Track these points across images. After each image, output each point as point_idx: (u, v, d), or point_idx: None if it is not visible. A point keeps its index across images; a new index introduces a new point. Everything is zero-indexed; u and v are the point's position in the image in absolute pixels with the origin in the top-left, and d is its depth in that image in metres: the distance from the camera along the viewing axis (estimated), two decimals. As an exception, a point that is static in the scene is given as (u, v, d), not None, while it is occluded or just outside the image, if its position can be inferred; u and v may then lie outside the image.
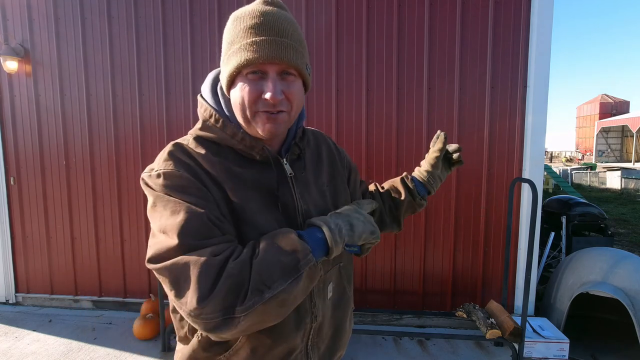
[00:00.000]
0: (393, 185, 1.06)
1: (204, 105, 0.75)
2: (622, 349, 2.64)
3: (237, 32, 0.66)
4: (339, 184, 0.87)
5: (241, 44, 0.65)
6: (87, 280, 3.25)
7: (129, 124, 3.08)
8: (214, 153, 0.71)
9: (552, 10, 2.69)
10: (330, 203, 0.82)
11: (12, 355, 2.55)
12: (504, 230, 2.84)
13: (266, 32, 0.64)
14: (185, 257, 0.57)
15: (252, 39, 0.64)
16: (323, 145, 0.90)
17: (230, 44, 0.68)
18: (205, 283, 0.55)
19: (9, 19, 3.10)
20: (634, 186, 12.16)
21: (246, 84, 0.66)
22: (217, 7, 2.88)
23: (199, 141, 0.73)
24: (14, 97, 3.16)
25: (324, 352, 0.82)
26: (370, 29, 2.83)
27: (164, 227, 0.60)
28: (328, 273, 0.79)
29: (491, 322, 2.42)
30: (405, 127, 2.88)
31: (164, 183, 0.64)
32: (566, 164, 26.38)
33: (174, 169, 0.65)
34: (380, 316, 2.97)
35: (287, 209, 0.74)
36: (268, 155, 0.73)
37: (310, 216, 0.76)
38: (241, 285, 0.56)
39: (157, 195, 0.64)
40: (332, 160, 0.90)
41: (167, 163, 0.66)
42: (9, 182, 3.25)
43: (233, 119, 0.74)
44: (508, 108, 2.81)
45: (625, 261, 2.65)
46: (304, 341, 0.76)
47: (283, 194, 0.74)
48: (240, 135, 0.71)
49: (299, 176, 0.78)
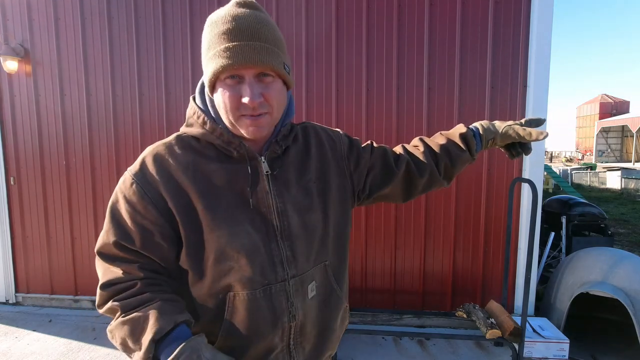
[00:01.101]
0: (451, 139, 0.98)
1: (191, 104, 0.79)
2: (622, 349, 2.64)
3: (212, 37, 0.68)
4: (330, 181, 0.84)
5: (216, 50, 0.67)
6: (87, 280, 3.25)
7: (129, 124, 3.08)
8: (192, 151, 0.74)
9: (552, 10, 2.69)
10: (316, 199, 0.80)
11: (12, 355, 2.55)
12: (504, 230, 2.84)
13: (238, 37, 0.65)
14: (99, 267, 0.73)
15: (225, 44, 0.65)
16: (313, 140, 0.86)
17: (207, 50, 0.69)
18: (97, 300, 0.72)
19: (9, 19, 3.10)
20: (634, 186, 12.16)
21: (225, 90, 0.68)
22: (217, 7, 2.88)
23: (181, 140, 0.76)
24: (14, 97, 3.16)
25: (311, 351, 0.81)
26: (370, 29, 2.83)
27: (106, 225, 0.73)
28: (309, 272, 0.78)
29: (491, 322, 2.42)
30: (405, 127, 2.88)
31: (120, 188, 0.74)
32: (566, 164, 26.38)
33: (133, 179, 0.72)
34: (380, 316, 2.97)
35: (260, 207, 0.74)
36: (244, 152, 0.74)
37: (286, 215, 0.75)
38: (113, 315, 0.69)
39: (114, 193, 0.75)
40: (322, 153, 0.86)
41: (135, 169, 0.73)
42: (9, 182, 3.25)
43: (219, 119, 0.75)
44: (508, 108, 2.81)
45: (625, 261, 2.65)
46: (285, 340, 0.76)
47: (257, 192, 0.74)
48: (218, 131, 0.73)
49: (277, 174, 0.77)
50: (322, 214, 0.80)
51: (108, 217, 0.73)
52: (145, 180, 0.71)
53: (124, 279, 0.69)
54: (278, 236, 0.74)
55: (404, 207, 2.93)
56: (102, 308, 0.70)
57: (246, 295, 0.71)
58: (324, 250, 0.81)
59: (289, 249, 0.75)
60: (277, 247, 0.74)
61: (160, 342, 0.63)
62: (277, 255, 0.74)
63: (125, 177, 0.73)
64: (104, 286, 0.69)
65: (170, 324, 0.65)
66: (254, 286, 0.72)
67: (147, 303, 0.67)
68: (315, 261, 0.79)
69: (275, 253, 0.74)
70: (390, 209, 2.93)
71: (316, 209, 0.79)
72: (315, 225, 0.79)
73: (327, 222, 0.80)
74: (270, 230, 0.74)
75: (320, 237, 0.79)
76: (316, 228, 0.79)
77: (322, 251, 0.80)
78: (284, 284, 0.74)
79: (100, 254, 0.73)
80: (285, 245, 0.75)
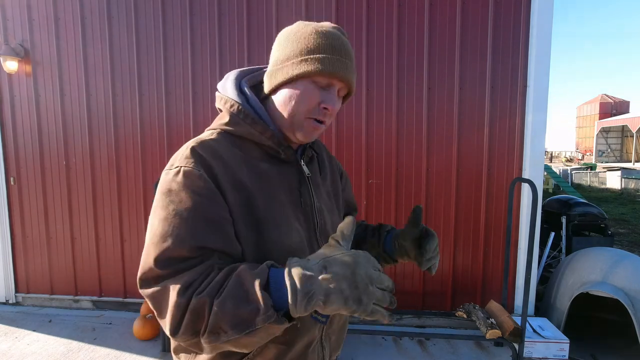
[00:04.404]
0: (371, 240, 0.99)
1: (230, 101, 0.75)
2: (622, 349, 2.64)
3: (318, 43, 0.72)
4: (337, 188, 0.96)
5: (322, 55, 0.71)
6: (87, 280, 3.25)
7: (129, 124, 3.08)
8: (239, 149, 0.73)
9: (552, 10, 2.69)
10: (334, 203, 0.90)
11: (12, 355, 2.55)
12: (504, 230, 2.84)
13: (344, 55, 0.73)
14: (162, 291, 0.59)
15: (333, 55, 0.71)
16: (324, 152, 0.97)
17: (307, 51, 0.71)
18: (173, 322, 0.58)
19: (9, 19, 3.10)
20: (634, 186, 12.16)
21: (315, 89, 0.72)
22: (217, 7, 2.88)
23: (225, 136, 0.74)
24: (14, 97, 3.16)
25: (334, 342, 0.87)
26: (370, 29, 2.83)
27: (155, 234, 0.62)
28: None
29: (491, 322, 2.42)
30: (405, 126, 2.88)
31: (182, 181, 0.63)
32: (566, 164, 26.38)
33: (194, 167, 0.64)
34: (380, 316, 2.96)
35: (307, 206, 0.80)
36: (292, 154, 0.78)
37: (322, 215, 0.82)
38: (200, 322, 0.57)
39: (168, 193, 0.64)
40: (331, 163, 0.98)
41: (189, 160, 0.65)
42: (9, 182, 3.25)
43: (265, 118, 0.76)
44: (508, 108, 2.81)
45: (625, 261, 2.65)
46: (320, 332, 0.80)
47: (303, 192, 0.80)
48: (269, 132, 0.75)
49: (312, 177, 0.84)
50: (338, 216, 0.90)
51: (173, 220, 0.61)
52: (208, 170, 0.65)
53: (199, 273, 0.60)
54: (317, 234, 0.80)
55: (403, 207, 2.93)
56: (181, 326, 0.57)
57: None
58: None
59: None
60: (317, 244, 0.79)
61: (268, 288, 0.56)
62: (317, 250, 0.75)
63: (184, 170, 0.64)
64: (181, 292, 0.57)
65: (265, 268, 0.58)
66: None
67: (229, 274, 0.59)
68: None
69: (316, 249, 0.76)
70: (390, 209, 2.93)
71: (336, 211, 0.90)
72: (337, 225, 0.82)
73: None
74: (311, 228, 0.79)
75: None
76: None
77: None
78: None
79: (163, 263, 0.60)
80: (322, 242, 0.80)
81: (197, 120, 3.00)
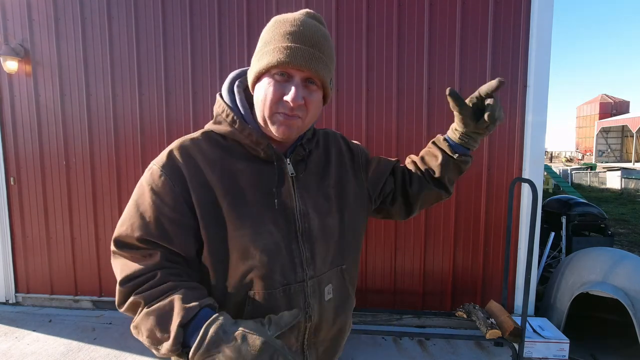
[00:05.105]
0: (429, 149, 0.97)
1: (219, 102, 0.79)
2: (622, 349, 2.64)
3: (275, 34, 0.70)
4: (347, 187, 0.86)
5: (276, 45, 0.69)
6: (87, 280, 3.25)
7: (129, 124, 3.08)
8: (221, 148, 0.75)
9: (552, 11, 2.69)
10: (334, 204, 0.83)
11: (12, 355, 2.55)
12: (504, 230, 2.83)
13: (302, 41, 0.69)
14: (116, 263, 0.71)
15: (287, 43, 0.69)
16: (333, 147, 0.90)
17: (265, 44, 0.72)
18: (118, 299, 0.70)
19: (9, 19, 3.10)
20: (634, 186, 12.17)
21: (271, 83, 0.70)
22: (217, 7, 2.89)
23: (208, 136, 0.77)
24: (14, 97, 3.16)
25: (323, 354, 0.83)
26: (370, 29, 2.83)
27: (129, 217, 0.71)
28: (325, 274, 0.79)
29: (491, 322, 2.42)
30: (406, 126, 2.88)
31: (148, 178, 0.72)
32: (566, 164, 26.39)
33: (160, 169, 0.71)
34: (380, 316, 2.97)
35: (285, 208, 0.76)
36: (272, 153, 0.76)
37: (307, 219, 0.77)
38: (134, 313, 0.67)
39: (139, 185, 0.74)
40: (341, 161, 0.89)
41: (161, 162, 0.72)
42: (9, 182, 3.25)
43: (247, 117, 0.77)
44: (508, 108, 2.81)
45: (625, 261, 2.65)
46: (300, 340, 0.77)
47: (281, 193, 0.76)
48: (247, 130, 0.75)
49: (300, 177, 0.79)
50: (339, 219, 0.82)
51: (132, 209, 0.71)
52: (173, 172, 0.71)
53: (144, 270, 0.67)
54: (299, 237, 0.76)
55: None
56: (123, 306, 0.68)
57: (266, 295, 0.72)
58: (340, 254, 0.82)
59: (308, 250, 0.76)
60: (297, 248, 0.75)
61: (187, 326, 0.62)
62: (297, 256, 0.75)
63: (153, 169, 0.72)
64: (124, 282, 0.67)
65: (196, 308, 0.63)
66: (274, 285, 0.72)
67: (171, 291, 0.65)
68: (332, 264, 0.81)
69: (296, 254, 0.75)
70: (390, 209, 2.92)
71: (334, 213, 0.82)
72: (333, 229, 0.80)
73: (343, 227, 0.82)
74: (292, 231, 0.75)
75: (337, 241, 0.81)
76: (334, 232, 0.80)
77: (338, 255, 0.82)
78: (302, 284, 0.75)
79: (118, 243, 0.70)
80: (305, 247, 0.76)
81: (197, 120, 3.00)
